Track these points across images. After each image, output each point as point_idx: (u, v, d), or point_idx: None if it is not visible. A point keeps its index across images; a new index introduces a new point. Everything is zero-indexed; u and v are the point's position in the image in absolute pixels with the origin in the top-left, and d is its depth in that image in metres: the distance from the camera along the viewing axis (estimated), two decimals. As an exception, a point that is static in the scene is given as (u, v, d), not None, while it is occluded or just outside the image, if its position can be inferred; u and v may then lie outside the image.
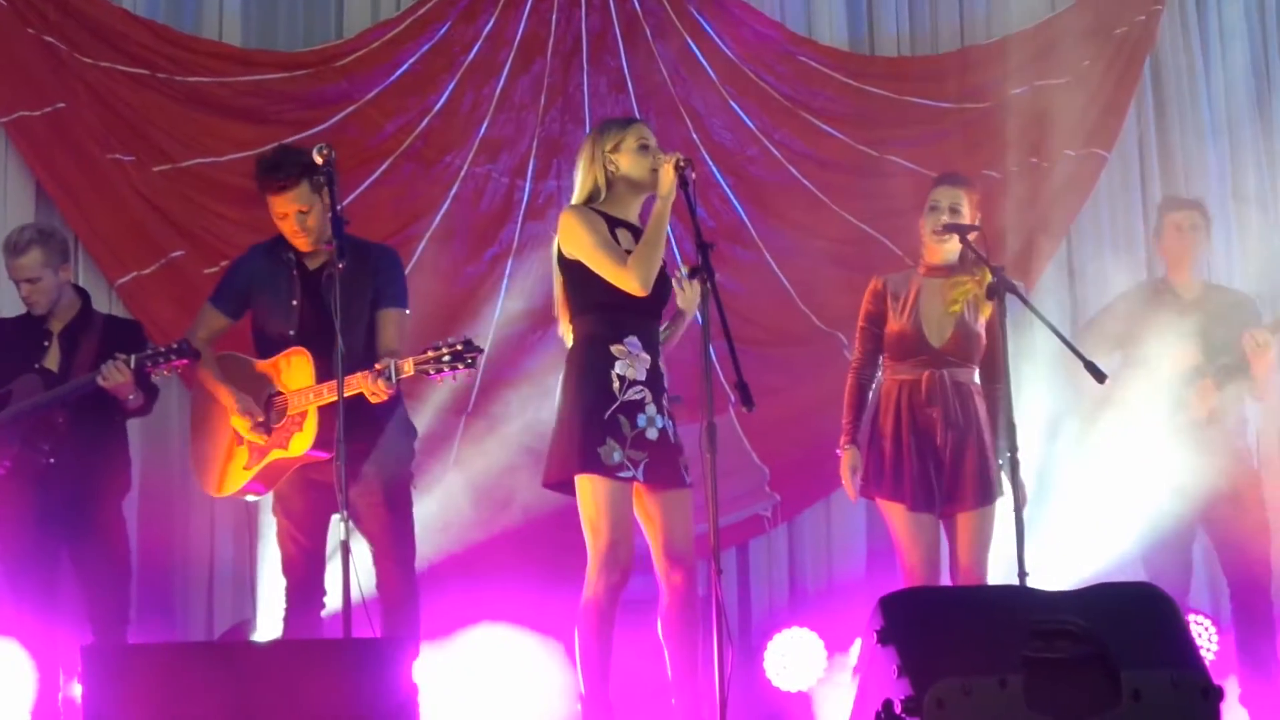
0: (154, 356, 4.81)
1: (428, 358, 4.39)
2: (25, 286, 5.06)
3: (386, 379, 4.41)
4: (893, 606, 3.65)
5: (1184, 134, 6.88)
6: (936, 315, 4.97)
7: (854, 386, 5.09)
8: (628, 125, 4.61)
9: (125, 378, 4.81)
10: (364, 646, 3.86)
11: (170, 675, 3.55)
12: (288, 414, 4.65)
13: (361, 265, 4.66)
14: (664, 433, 4.42)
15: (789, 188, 6.52)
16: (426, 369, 4.39)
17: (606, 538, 4.33)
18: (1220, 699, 3.50)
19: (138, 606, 5.40)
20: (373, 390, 4.42)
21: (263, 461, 4.70)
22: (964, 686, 3.40)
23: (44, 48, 5.85)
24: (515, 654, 5.47)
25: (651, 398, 4.41)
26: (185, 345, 4.78)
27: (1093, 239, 6.73)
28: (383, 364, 4.44)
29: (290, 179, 4.64)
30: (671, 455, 4.42)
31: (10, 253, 5.04)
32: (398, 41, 6.25)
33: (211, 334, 4.91)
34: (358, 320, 4.66)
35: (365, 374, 4.42)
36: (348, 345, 4.33)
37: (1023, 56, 6.66)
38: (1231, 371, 5.37)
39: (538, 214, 6.30)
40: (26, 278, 5.04)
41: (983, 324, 4.95)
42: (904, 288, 5.04)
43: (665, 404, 4.45)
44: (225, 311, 4.90)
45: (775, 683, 5.78)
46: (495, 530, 5.77)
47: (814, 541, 6.47)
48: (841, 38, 6.79)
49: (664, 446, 4.41)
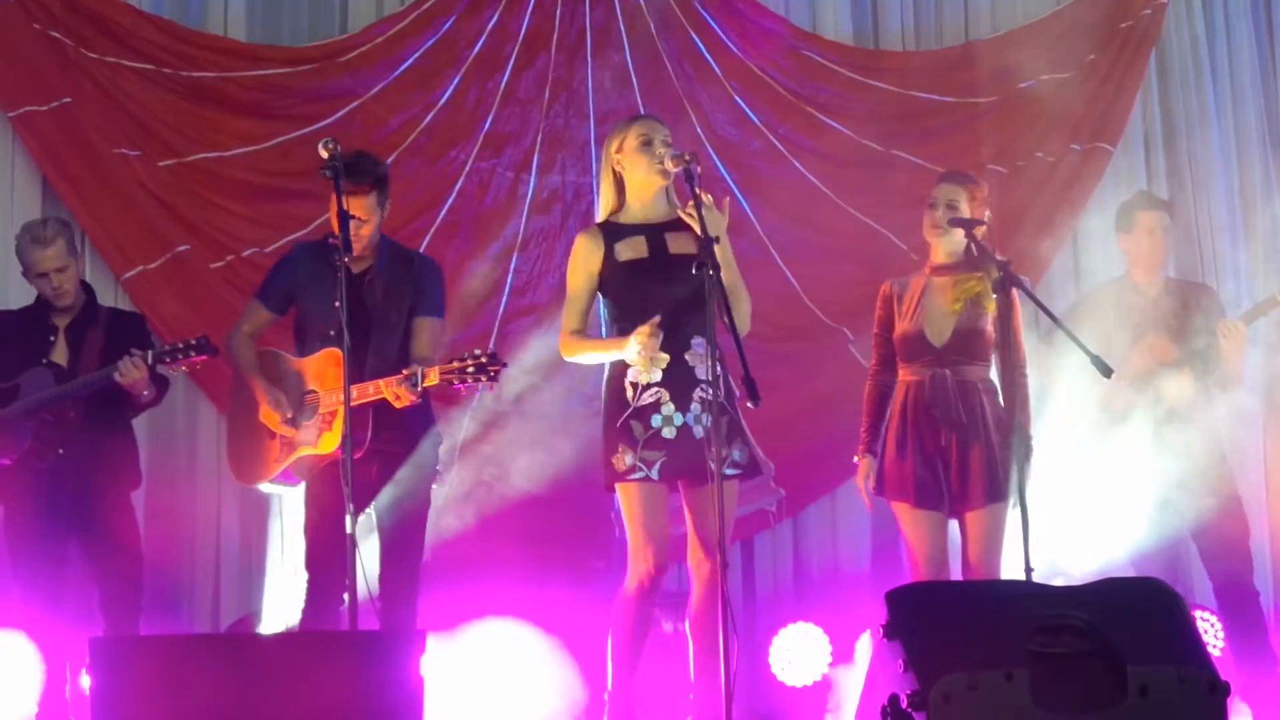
0: (172, 352, 4.84)
1: (452, 368, 4.46)
2: (55, 276, 5.06)
3: (411, 385, 4.48)
4: (899, 601, 3.65)
5: (1189, 128, 6.88)
6: (939, 315, 4.96)
7: (871, 394, 5.08)
8: (630, 123, 4.63)
9: (142, 374, 4.85)
10: (371, 639, 3.88)
11: (178, 667, 3.56)
12: (319, 412, 4.69)
13: (404, 273, 4.80)
14: (685, 430, 4.41)
15: (794, 182, 6.52)
16: (450, 379, 4.46)
17: (633, 538, 4.43)
18: (1227, 694, 3.50)
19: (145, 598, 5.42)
20: (396, 394, 4.50)
21: (291, 456, 4.76)
22: (970, 681, 3.40)
23: (50, 43, 5.86)
24: (520, 649, 5.47)
25: (670, 396, 4.42)
26: (204, 341, 4.82)
27: (1098, 233, 6.71)
28: (410, 370, 4.51)
29: (364, 186, 4.71)
30: (696, 452, 4.39)
31: (39, 244, 5.04)
32: (402, 36, 6.25)
33: (255, 329, 4.97)
34: (395, 326, 4.75)
35: (391, 379, 4.51)
36: (382, 350, 4.54)
37: (1028, 51, 6.65)
38: (1208, 360, 5.38)
39: (542, 209, 6.31)
40: (57, 267, 5.05)
41: (990, 321, 4.92)
42: (910, 289, 5.04)
43: (698, 397, 4.42)
44: (270, 307, 4.96)
45: (780, 677, 5.77)
46: (501, 525, 5.78)
47: (819, 536, 6.47)
48: (846, 32, 6.79)
49: (685, 444, 4.40)
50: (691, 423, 4.42)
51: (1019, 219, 6.31)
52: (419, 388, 4.47)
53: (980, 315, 4.92)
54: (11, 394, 5.00)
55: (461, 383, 4.46)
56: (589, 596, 5.47)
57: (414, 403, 4.54)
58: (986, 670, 3.42)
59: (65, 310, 5.14)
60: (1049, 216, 6.54)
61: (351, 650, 3.72)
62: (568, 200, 6.30)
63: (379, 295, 4.77)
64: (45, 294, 5.11)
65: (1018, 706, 3.41)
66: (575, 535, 5.77)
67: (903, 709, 3.44)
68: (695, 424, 4.42)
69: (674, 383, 4.43)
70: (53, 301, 5.11)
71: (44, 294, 5.11)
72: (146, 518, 5.61)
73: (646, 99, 6.39)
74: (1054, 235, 6.55)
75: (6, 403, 4.99)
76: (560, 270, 5.05)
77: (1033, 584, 4.26)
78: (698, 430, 4.41)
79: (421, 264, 4.95)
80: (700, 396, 4.41)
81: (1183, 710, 3.46)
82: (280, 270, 4.99)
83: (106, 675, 3.53)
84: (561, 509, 5.71)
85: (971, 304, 4.92)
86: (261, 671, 3.55)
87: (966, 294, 4.92)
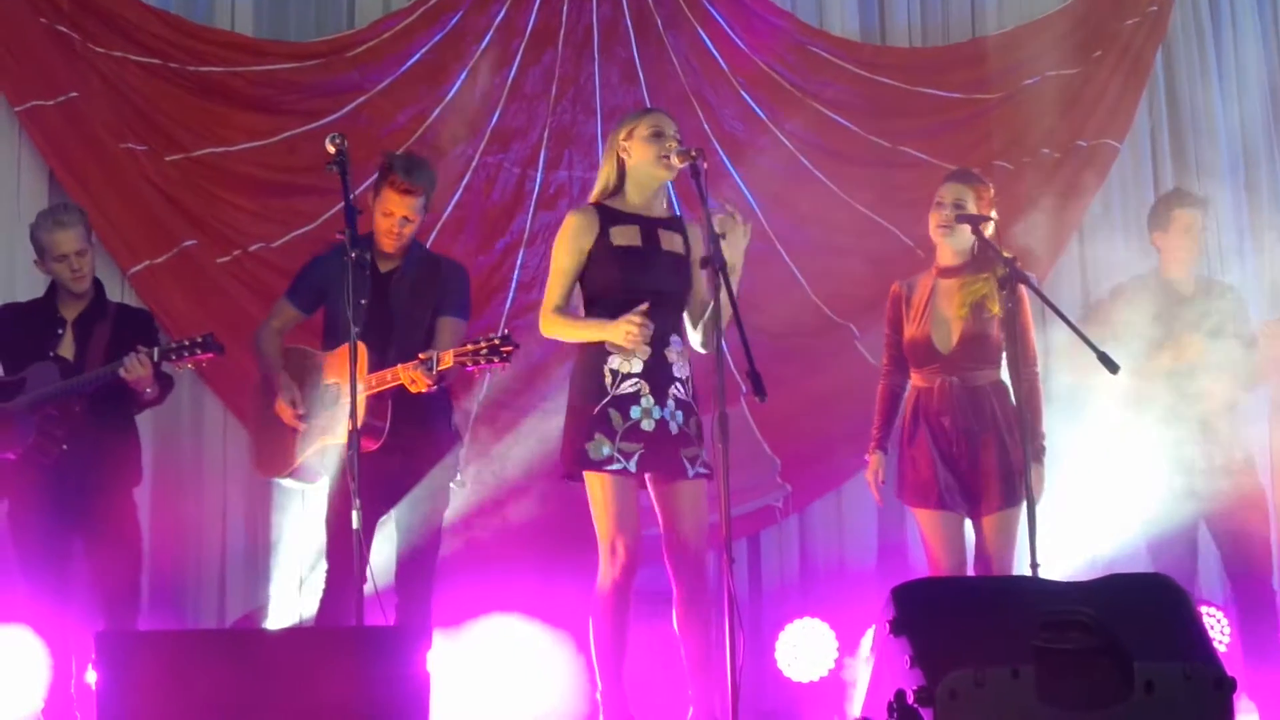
0: (178, 350, 4.86)
1: (466, 350, 4.50)
2: (75, 260, 5.08)
3: (426, 369, 4.51)
4: (905, 597, 3.65)
5: (1196, 124, 6.87)
6: (945, 320, 4.95)
7: (883, 394, 5.09)
8: (643, 114, 4.65)
9: (146, 370, 4.87)
10: (377, 635, 3.88)
11: (184, 662, 3.56)
12: (339, 403, 4.71)
13: (431, 275, 4.90)
14: (662, 424, 4.42)
15: (800, 178, 6.52)
16: (464, 360, 4.49)
17: (603, 530, 4.41)
18: (1234, 690, 3.49)
19: (151, 594, 5.43)
20: (412, 379, 4.54)
21: (312, 447, 4.81)
22: (976, 677, 3.40)
23: (57, 38, 5.86)
24: (525, 645, 5.48)
25: (650, 389, 4.42)
26: (209, 339, 4.84)
27: (1104, 229, 6.71)
28: (425, 355, 4.54)
29: (419, 187, 4.85)
30: (671, 447, 4.42)
31: (59, 227, 5.06)
32: (409, 31, 6.25)
33: (284, 324, 5.07)
34: (419, 324, 4.83)
35: (408, 364, 4.55)
36: (405, 347, 4.63)
37: (1034, 47, 6.65)
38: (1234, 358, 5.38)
39: (549, 204, 6.31)
40: (77, 250, 5.08)
41: (996, 324, 4.89)
42: (918, 291, 5.04)
43: (673, 394, 4.45)
44: (298, 305, 5.06)
45: (787, 673, 5.77)
46: (505, 521, 5.78)
47: (825, 532, 6.47)
48: (853, 28, 6.79)
49: (662, 438, 4.41)
50: (668, 418, 4.43)
51: (1025, 215, 6.30)
52: (434, 370, 4.51)
53: (986, 319, 4.90)
54: (17, 387, 5.01)
55: (475, 364, 4.49)
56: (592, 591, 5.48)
57: (430, 388, 4.58)
58: (993, 666, 3.42)
59: (74, 303, 5.14)
60: (1055, 212, 6.52)
61: (357, 646, 3.71)
62: (574, 195, 6.30)
63: (405, 294, 4.85)
64: (63, 279, 5.10)
65: (1024, 702, 3.41)
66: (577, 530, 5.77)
67: (909, 705, 3.44)
68: (670, 419, 4.43)
69: (653, 376, 4.44)
70: (69, 286, 5.10)
71: (61, 279, 5.11)
72: (152, 514, 5.63)
73: (653, 95, 6.39)
74: (1061, 231, 6.55)
75: (11, 396, 4.99)
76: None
77: (1039, 580, 4.26)
78: (673, 426, 4.43)
79: (449, 268, 5.03)
80: (674, 394, 4.44)
81: (1189, 706, 3.46)
82: (311, 269, 5.07)
83: (112, 670, 3.52)
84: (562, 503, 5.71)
85: (976, 308, 4.90)
86: (267, 666, 3.55)
87: (973, 297, 4.91)
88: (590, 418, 4.40)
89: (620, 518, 4.38)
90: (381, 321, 4.76)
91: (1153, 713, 3.44)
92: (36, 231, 5.11)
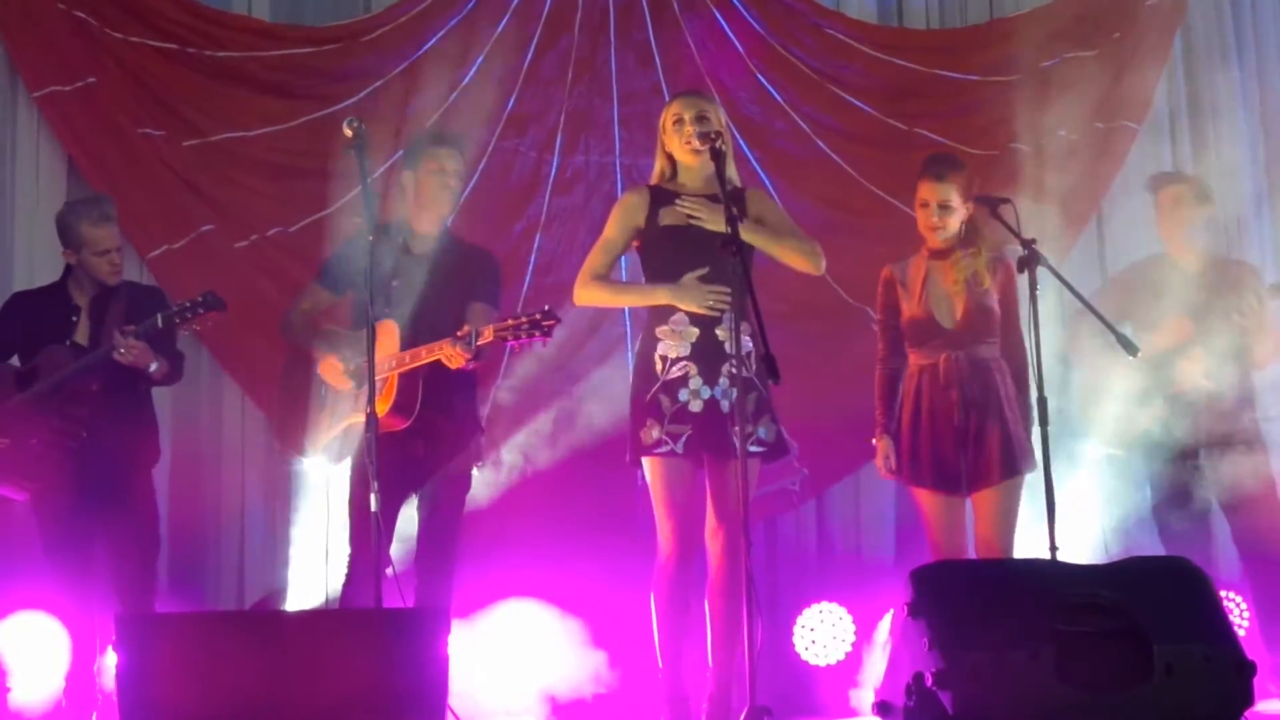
0: (180, 312, 4.87)
1: (507, 325, 4.45)
2: (115, 254, 5.12)
3: (465, 344, 4.47)
4: (923, 580, 3.66)
5: (1215, 106, 6.83)
6: (945, 297, 4.99)
7: (882, 379, 5.11)
8: (671, 100, 4.77)
9: (140, 348, 4.88)
10: (397, 617, 3.89)
11: (205, 644, 3.59)
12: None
13: (462, 264, 4.91)
14: (712, 404, 4.45)
15: (816, 161, 6.50)
16: (505, 335, 4.44)
17: (657, 513, 4.48)
18: (1254, 674, 3.49)
19: (169, 576, 5.45)
20: (450, 354, 4.50)
21: (342, 424, 4.81)
22: (995, 659, 3.40)
23: (75, 23, 5.87)
24: (542, 630, 5.48)
25: (698, 370, 4.46)
26: (210, 296, 4.87)
27: (1123, 212, 6.68)
28: (464, 330, 4.50)
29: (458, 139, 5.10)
30: (720, 425, 4.42)
31: (105, 221, 5.10)
32: (425, 16, 6.25)
33: (313, 306, 5.08)
34: (450, 306, 4.79)
35: (445, 340, 4.51)
36: (436, 329, 4.57)
37: (1052, 29, 6.61)
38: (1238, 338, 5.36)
39: (565, 188, 6.30)
40: (118, 245, 5.13)
41: (994, 296, 4.95)
42: (910, 272, 5.06)
43: (727, 372, 4.44)
44: (328, 287, 5.04)
45: (804, 657, 5.77)
46: (524, 504, 5.79)
47: (842, 516, 6.46)
48: (870, 10, 6.77)
49: (711, 419, 4.44)
50: (719, 396, 4.44)
51: (1043, 197, 6.27)
52: (474, 345, 4.46)
53: (985, 292, 4.95)
54: (32, 375, 5.02)
55: (515, 339, 4.43)
56: (609, 576, 5.49)
57: (467, 365, 4.55)
58: (1011, 649, 3.43)
59: (88, 287, 5.15)
60: (1073, 195, 6.49)
61: (376, 629, 3.73)
62: (591, 180, 6.30)
63: (438, 277, 4.84)
64: (100, 272, 5.11)
65: (1043, 685, 3.41)
66: (596, 514, 5.78)
67: (927, 687, 3.44)
68: (723, 398, 4.44)
69: (703, 357, 4.47)
70: (106, 280, 5.12)
71: (98, 272, 5.11)
72: (170, 495, 5.66)
73: (669, 79, 6.38)
74: (1078, 214, 6.52)
75: (28, 384, 5.00)
76: (585, 249, 5.06)
77: (1058, 562, 4.26)
78: (724, 404, 4.43)
79: (482, 255, 5.06)
80: (729, 371, 4.42)
81: (1208, 689, 3.46)
82: (343, 252, 5.03)
83: (133, 652, 3.54)
84: (581, 488, 5.73)
85: (972, 281, 4.93)
86: (286, 649, 3.57)
87: (965, 272, 4.95)
88: (643, 405, 4.51)
89: (669, 501, 4.45)
90: (414, 301, 4.76)
91: (1172, 695, 3.44)
92: (76, 224, 5.10)
